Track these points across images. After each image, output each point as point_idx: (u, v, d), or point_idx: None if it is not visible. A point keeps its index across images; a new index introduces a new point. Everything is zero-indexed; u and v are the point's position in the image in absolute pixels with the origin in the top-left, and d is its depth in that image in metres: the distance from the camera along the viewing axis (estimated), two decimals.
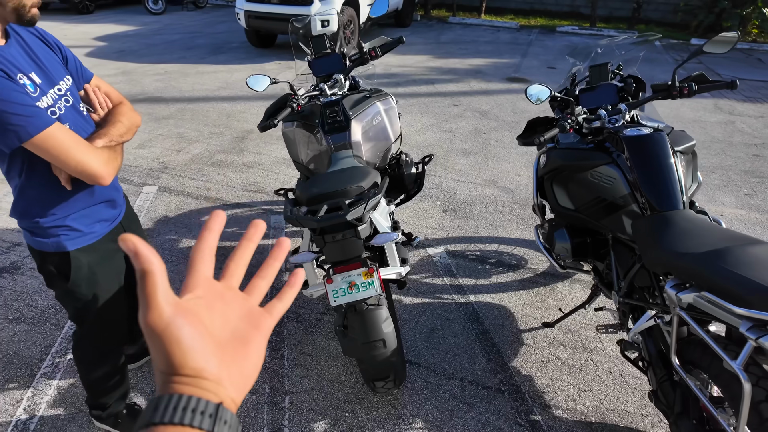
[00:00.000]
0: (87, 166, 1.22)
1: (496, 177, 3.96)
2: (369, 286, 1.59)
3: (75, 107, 1.35)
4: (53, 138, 1.16)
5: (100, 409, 1.79)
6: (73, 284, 1.45)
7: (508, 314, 2.49)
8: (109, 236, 1.50)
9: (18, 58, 1.23)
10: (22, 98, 1.14)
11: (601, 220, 1.96)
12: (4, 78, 1.13)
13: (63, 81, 1.34)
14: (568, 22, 11.57)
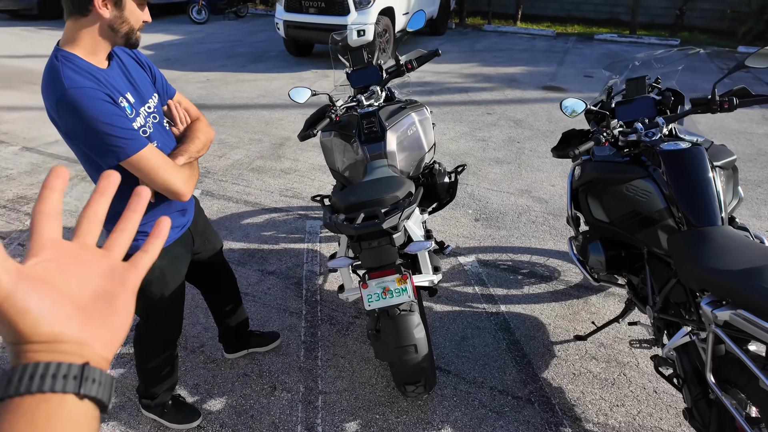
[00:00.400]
0: (171, 185, 1.34)
1: (530, 187, 3.95)
2: (402, 292, 1.65)
3: (161, 124, 1.49)
4: (146, 159, 1.28)
5: (149, 398, 1.93)
6: (146, 283, 1.57)
7: (539, 325, 2.50)
8: (179, 241, 1.64)
9: (118, 81, 1.35)
10: (123, 122, 1.25)
11: (636, 233, 1.95)
12: (110, 103, 1.24)
13: (151, 99, 1.46)
14: (607, 30, 11.36)
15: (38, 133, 5.09)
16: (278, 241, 3.23)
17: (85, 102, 1.19)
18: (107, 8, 1.23)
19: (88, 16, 1.23)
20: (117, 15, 1.25)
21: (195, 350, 2.36)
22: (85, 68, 1.25)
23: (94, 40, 1.27)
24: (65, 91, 1.19)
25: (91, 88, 1.22)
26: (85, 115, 1.20)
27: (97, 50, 1.29)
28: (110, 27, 1.26)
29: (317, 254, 3.11)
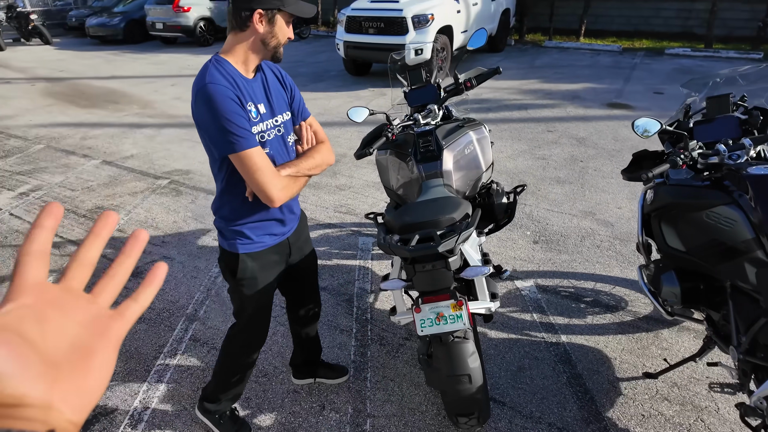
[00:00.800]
0: (265, 188, 1.45)
1: (594, 209, 3.75)
2: (457, 319, 1.59)
3: (283, 137, 1.61)
4: (250, 158, 1.41)
5: (212, 402, 1.96)
6: (238, 282, 1.67)
7: (604, 359, 2.32)
8: (274, 249, 1.69)
9: (255, 91, 1.52)
10: (242, 122, 1.39)
11: (717, 265, 1.78)
12: (236, 104, 1.39)
13: (282, 115, 1.61)
14: (679, 44, 10.75)
15: (117, 148, 5.50)
16: (331, 257, 3.25)
17: (216, 97, 1.36)
18: (262, 24, 1.41)
19: (246, 31, 1.43)
20: (269, 30, 1.43)
21: None
22: (231, 73, 1.43)
23: (246, 53, 1.46)
24: (205, 85, 1.37)
25: (225, 86, 1.38)
26: (214, 108, 1.36)
27: (248, 61, 1.48)
28: (262, 41, 1.44)
29: (369, 272, 3.09)
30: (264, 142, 1.51)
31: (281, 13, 1.43)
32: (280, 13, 1.43)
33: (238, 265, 1.64)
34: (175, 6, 12.49)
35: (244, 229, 1.61)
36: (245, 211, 1.59)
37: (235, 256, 1.63)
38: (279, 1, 1.40)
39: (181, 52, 12.21)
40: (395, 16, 7.63)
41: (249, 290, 1.69)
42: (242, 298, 1.72)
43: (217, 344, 2.51)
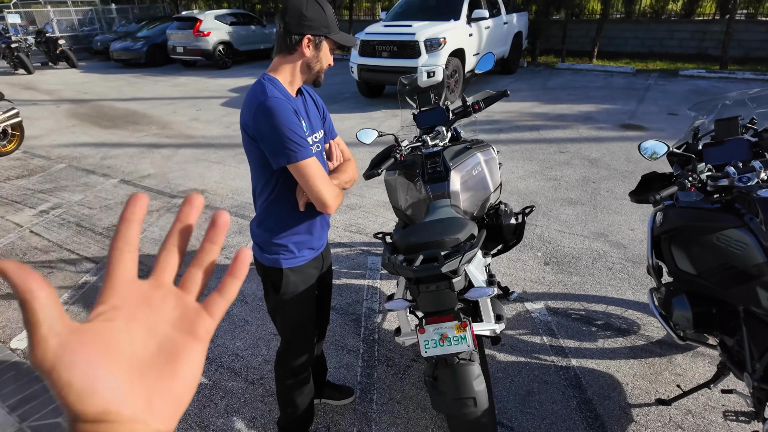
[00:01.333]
0: (323, 195, 1.50)
1: (606, 230, 3.71)
2: (461, 341, 1.58)
3: (321, 153, 1.68)
4: (310, 167, 1.47)
5: (286, 431, 1.96)
6: (281, 297, 1.68)
7: (615, 384, 2.27)
8: (313, 263, 1.73)
9: (300, 109, 1.58)
10: (302, 132, 1.47)
11: (729, 289, 1.74)
12: (296, 116, 1.47)
13: (317, 133, 1.68)
14: (693, 65, 10.71)
15: (135, 168, 5.65)
16: (340, 276, 3.26)
17: (279, 109, 1.42)
18: (309, 48, 1.50)
19: (294, 54, 1.51)
20: (315, 55, 1.52)
21: (254, 382, 2.39)
22: (282, 90, 1.51)
23: (292, 74, 1.54)
24: (267, 99, 1.42)
25: (287, 100, 1.47)
26: (276, 119, 1.41)
27: (294, 82, 1.56)
28: (307, 65, 1.53)
29: (377, 291, 3.09)
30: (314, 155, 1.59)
31: (327, 40, 1.52)
32: (327, 40, 1.52)
33: (282, 279, 1.66)
34: (196, 31, 12.91)
35: (289, 243, 1.64)
36: (291, 222, 1.62)
37: (279, 270, 1.65)
38: (326, 29, 1.49)
39: (200, 74, 12.57)
40: (408, 39, 7.77)
41: (292, 305, 1.71)
42: (285, 314, 1.73)
43: (225, 362, 2.52)
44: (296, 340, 1.79)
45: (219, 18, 13.55)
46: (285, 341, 1.81)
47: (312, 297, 1.76)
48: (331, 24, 1.50)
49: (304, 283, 1.70)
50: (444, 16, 8.38)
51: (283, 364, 1.85)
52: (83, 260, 3.60)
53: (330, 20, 1.50)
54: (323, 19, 1.48)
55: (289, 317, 1.73)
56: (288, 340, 1.80)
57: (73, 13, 18.12)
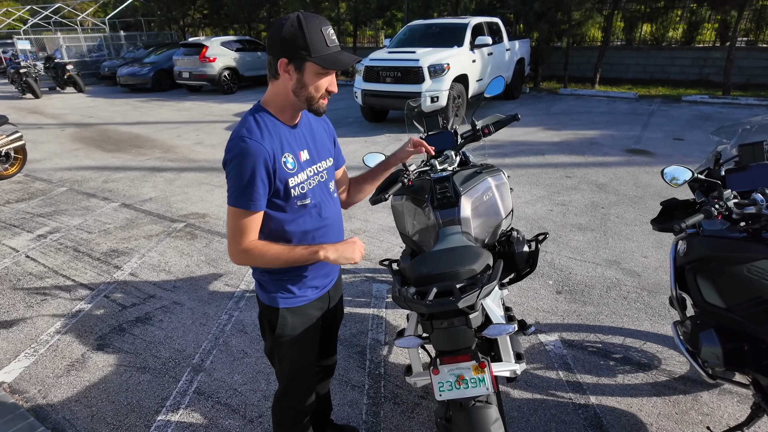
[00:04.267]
0: (229, 246, 1.42)
1: (619, 257, 3.59)
2: (479, 383, 1.45)
3: (326, 184, 1.56)
4: (231, 216, 1.39)
5: None
6: (278, 339, 1.56)
7: (639, 425, 2.12)
8: (317, 302, 1.59)
9: (297, 138, 1.46)
10: (259, 184, 1.34)
11: (763, 324, 1.62)
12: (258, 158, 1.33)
13: (325, 161, 1.56)
14: (696, 91, 10.76)
15: (137, 191, 5.58)
16: (344, 305, 3.13)
17: (236, 148, 1.33)
18: (288, 74, 1.34)
19: (278, 80, 1.37)
20: (297, 80, 1.34)
21: (253, 420, 2.25)
22: (269, 123, 1.40)
23: (281, 101, 1.41)
24: (240, 137, 1.34)
25: (259, 143, 1.34)
26: (231, 156, 1.34)
27: (284, 110, 1.42)
28: (293, 91, 1.37)
29: (383, 321, 2.96)
30: (305, 192, 1.46)
31: (310, 63, 1.32)
32: (309, 63, 1.32)
33: (278, 320, 1.53)
34: (202, 57, 13.10)
35: (286, 281, 1.52)
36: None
37: (276, 310, 1.53)
38: (306, 50, 1.29)
39: (205, 99, 12.67)
40: (412, 66, 7.83)
41: (289, 348, 1.57)
42: (282, 357, 1.59)
43: (222, 398, 2.38)
44: (294, 385, 1.65)
45: (225, 44, 13.76)
46: (282, 385, 1.67)
47: (313, 340, 1.62)
48: (313, 46, 1.29)
49: (303, 325, 1.57)
50: (447, 43, 8.46)
51: (280, 409, 1.71)
52: (78, 287, 3.48)
53: (312, 42, 1.29)
54: (301, 41, 1.29)
55: (286, 361, 1.60)
56: (285, 384, 1.65)
57: (82, 40, 18.47)
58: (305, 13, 1.33)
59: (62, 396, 2.43)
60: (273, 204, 1.43)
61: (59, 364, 2.67)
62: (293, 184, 1.42)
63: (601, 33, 12.75)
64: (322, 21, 1.32)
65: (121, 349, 2.79)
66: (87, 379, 2.55)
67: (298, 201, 1.45)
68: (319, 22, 1.31)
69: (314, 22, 1.30)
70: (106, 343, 2.85)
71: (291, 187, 1.41)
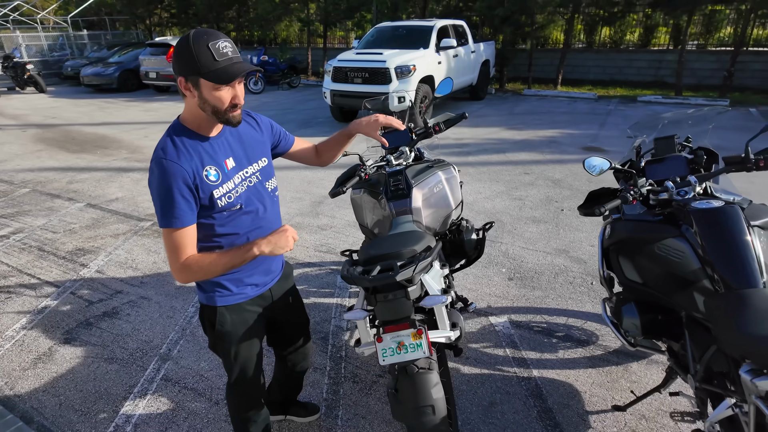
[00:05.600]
0: (170, 265, 1.47)
1: (568, 247, 3.85)
2: (417, 348, 1.62)
3: (260, 185, 1.60)
4: (164, 237, 1.44)
5: None
6: (218, 337, 1.63)
7: (574, 393, 2.34)
8: (257, 300, 1.66)
9: (219, 148, 1.50)
10: (170, 198, 1.39)
11: (672, 296, 1.85)
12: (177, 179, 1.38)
13: (258, 162, 1.61)
14: (651, 92, 11.30)
15: (103, 192, 5.57)
16: (309, 295, 3.27)
17: (159, 171, 1.39)
18: (189, 91, 1.39)
19: (186, 97, 1.41)
20: (199, 96, 1.38)
21: (219, 402, 2.37)
22: (184, 139, 1.44)
23: (196, 117, 1.45)
24: (154, 155, 1.42)
25: (176, 163, 1.39)
26: (152, 179, 1.41)
27: (201, 125, 1.46)
28: (199, 107, 1.41)
29: (346, 309, 3.12)
30: (232, 201, 1.50)
31: (203, 80, 1.35)
32: (202, 80, 1.35)
33: (216, 318, 1.60)
34: (169, 56, 12.95)
35: (223, 280, 1.58)
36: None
37: (213, 309, 1.60)
38: (195, 68, 1.33)
39: (174, 100, 12.55)
40: (379, 67, 8.00)
41: (231, 344, 1.64)
42: (225, 353, 1.67)
43: (188, 384, 2.49)
44: (240, 377, 1.72)
45: None
46: (230, 378, 1.75)
47: (255, 335, 1.69)
48: (200, 62, 1.32)
49: (243, 323, 1.64)
50: (414, 45, 8.68)
51: (232, 398, 1.82)
52: (44, 285, 3.51)
53: (199, 59, 1.32)
54: (190, 59, 1.32)
55: (228, 355, 1.67)
56: (233, 376, 1.73)
57: (42, 39, 17.93)
58: (199, 29, 1.36)
59: (29, 387, 2.49)
60: (203, 215, 1.48)
61: (26, 358, 2.72)
62: (218, 195, 1.46)
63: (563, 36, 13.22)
64: (210, 36, 1.35)
65: (89, 342, 2.85)
66: (54, 371, 2.61)
67: (227, 209, 1.50)
68: (207, 38, 1.33)
69: (202, 38, 1.33)
70: (73, 336, 2.91)
71: (216, 198, 1.46)
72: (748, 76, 11.59)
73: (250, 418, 1.82)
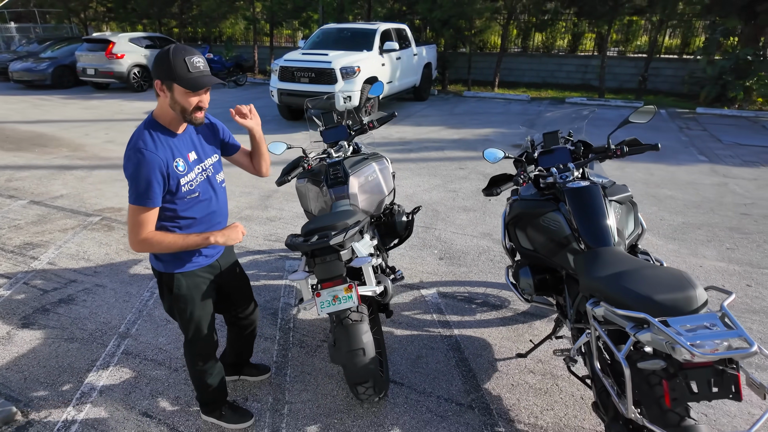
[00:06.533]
0: (129, 237, 1.77)
1: (492, 231, 4.36)
2: (348, 299, 2.00)
3: (213, 177, 1.92)
4: (132, 213, 1.73)
5: (206, 405, 2.23)
6: (176, 299, 1.94)
7: (486, 345, 2.81)
8: (207, 268, 1.98)
9: (184, 143, 1.82)
10: (143, 179, 1.67)
11: (553, 257, 2.33)
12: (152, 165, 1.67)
13: (210, 158, 1.93)
14: (578, 94, 12.31)
15: (46, 189, 5.55)
16: (259, 278, 3.57)
17: (134, 158, 1.68)
18: (164, 93, 1.70)
19: (159, 97, 1.73)
20: (171, 97, 1.70)
21: (178, 369, 2.64)
22: (158, 133, 1.75)
23: (168, 115, 1.76)
24: (138, 149, 1.69)
25: (154, 153, 1.68)
26: (131, 164, 1.69)
27: (171, 122, 1.78)
28: (170, 106, 1.72)
29: (293, 289, 3.45)
30: (193, 188, 1.83)
31: (176, 85, 1.66)
32: (175, 85, 1.66)
33: (174, 283, 1.92)
34: (109, 53, 12.61)
35: (181, 252, 1.87)
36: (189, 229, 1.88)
37: (171, 275, 1.92)
38: (171, 75, 1.64)
39: (114, 97, 12.24)
40: (325, 67, 8.32)
41: (186, 305, 1.95)
42: (182, 314, 1.97)
43: (149, 356, 2.74)
44: (196, 334, 2.02)
45: (134, 41, 13.32)
46: (186, 335, 2.05)
47: (207, 297, 1.99)
48: (177, 72, 1.63)
49: (196, 286, 1.95)
50: (358, 47, 9.06)
51: (189, 354, 2.12)
52: None
53: (175, 67, 1.63)
54: (168, 67, 1.63)
55: (184, 315, 1.97)
56: (187, 334, 2.03)
57: None
58: (179, 45, 1.69)
59: None
60: (167, 199, 1.78)
61: None
62: (184, 182, 1.79)
63: (500, 40, 14.06)
64: (188, 51, 1.67)
65: (47, 325, 3.02)
66: (15, 352, 2.77)
67: (188, 195, 1.82)
68: (185, 53, 1.66)
69: (181, 52, 1.65)
70: (31, 321, 3.06)
71: (182, 185, 1.78)
72: (660, 80, 12.88)
73: (206, 370, 2.13)
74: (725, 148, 7.38)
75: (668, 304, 1.54)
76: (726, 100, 10.50)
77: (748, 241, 4.16)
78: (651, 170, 6.21)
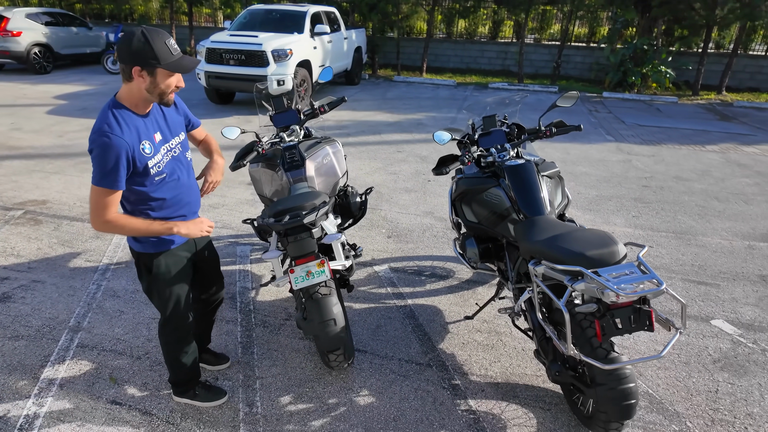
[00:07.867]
0: (91, 217, 1.80)
1: (433, 209, 4.66)
2: (321, 274, 2.15)
3: (181, 155, 1.97)
4: (96, 194, 1.74)
5: (178, 386, 2.26)
6: (155, 278, 1.97)
7: (437, 311, 3.08)
8: (183, 247, 2.04)
9: (150, 125, 1.83)
10: (107, 162, 1.68)
11: (495, 228, 2.63)
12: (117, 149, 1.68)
13: (178, 136, 1.96)
14: (499, 79, 13.03)
15: None
16: None
17: (100, 141, 1.69)
18: (143, 78, 1.70)
19: (132, 82, 1.72)
20: (150, 82, 1.71)
21: (141, 357, 2.64)
22: (124, 116, 1.75)
23: (135, 98, 1.77)
24: (99, 128, 1.70)
25: (120, 137, 1.69)
26: (96, 147, 1.70)
27: (138, 104, 1.79)
28: (147, 90, 1.73)
29: (248, 273, 3.51)
30: (161, 170, 1.85)
31: (160, 69, 1.68)
32: (160, 69, 1.68)
33: (152, 262, 1.96)
34: (2, 30, 11.30)
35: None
36: (157, 218, 1.91)
37: (150, 255, 1.96)
38: (156, 60, 1.65)
39: (14, 80, 11.04)
40: (255, 50, 8.13)
41: (165, 283, 1.99)
42: (160, 292, 2.01)
43: (107, 347, 2.70)
44: (173, 312, 2.07)
45: (31, 17, 12.03)
46: (163, 314, 2.09)
47: (184, 274, 2.05)
48: (160, 55, 1.65)
49: (174, 264, 2.01)
50: (288, 29, 8.93)
51: (164, 333, 2.16)
52: None
53: (159, 52, 1.65)
54: (149, 52, 1.64)
55: (163, 294, 2.02)
56: (166, 313, 2.07)
57: None
58: (147, 28, 1.68)
59: None
60: (136, 182, 1.80)
61: None
62: (151, 164, 1.81)
63: (426, 26, 14.42)
64: (163, 35, 1.70)
65: None
66: None
67: (156, 177, 1.84)
68: (162, 36, 1.68)
69: (158, 36, 1.67)
70: None
71: (150, 167, 1.81)
72: (571, 66, 13.97)
73: (181, 349, 2.19)
74: (628, 129, 8.29)
75: (597, 258, 1.86)
76: (627, 86, 11.68)
77: (648, 209, 4.81)
78: (567, 149, 6.85)
